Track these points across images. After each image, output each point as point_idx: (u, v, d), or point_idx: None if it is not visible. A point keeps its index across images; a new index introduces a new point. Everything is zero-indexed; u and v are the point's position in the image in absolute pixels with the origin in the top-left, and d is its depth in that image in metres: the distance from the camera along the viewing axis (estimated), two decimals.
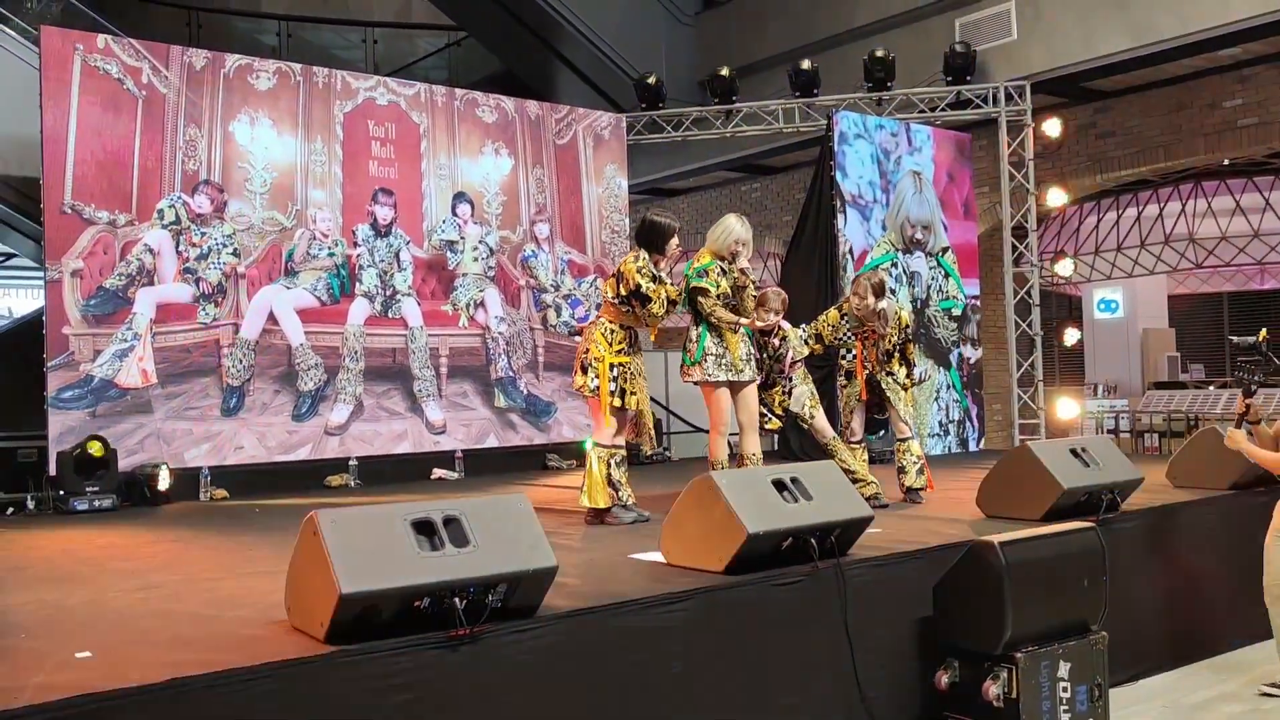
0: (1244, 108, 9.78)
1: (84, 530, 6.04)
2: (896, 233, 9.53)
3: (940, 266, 9.81)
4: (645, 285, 5.39)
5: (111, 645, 3.20)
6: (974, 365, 10.09)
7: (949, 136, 10.16)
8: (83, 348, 7.28)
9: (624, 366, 5.47)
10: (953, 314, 9.87)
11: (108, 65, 7.49)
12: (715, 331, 5.61)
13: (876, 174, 9.44)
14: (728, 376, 5.61)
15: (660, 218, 5.63)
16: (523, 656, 3.28)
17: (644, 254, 5.51)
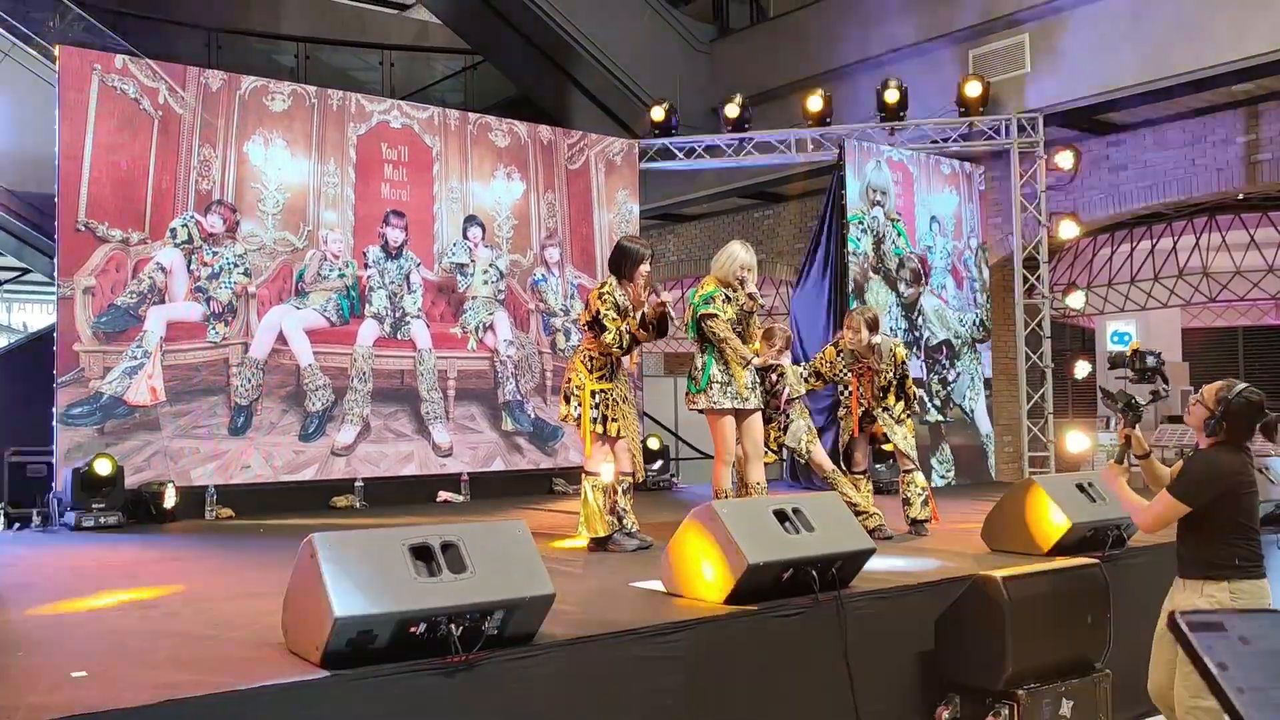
0: (1258, 143, 9.76)
1: (89, 547, 6.05)
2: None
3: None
4: (604, 313, 5.37)
5: (107, 665, 3.20)
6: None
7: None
8: (93, 364, 7.31)
9: (605, 394, 5.45)
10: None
11: (125, 85, 7.56)
12: (721, 359, 5.60)
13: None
14: (733, 404, 5.59)
15: (630, 242, 5.62)
16: (519, 684, 3.26)
17: (612, 280, 5.50)
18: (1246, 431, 3.73)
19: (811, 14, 11.99)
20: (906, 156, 9.49)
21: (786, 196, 13.43)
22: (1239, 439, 3.71)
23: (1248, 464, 3.75)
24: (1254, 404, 3.71)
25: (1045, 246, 10.11)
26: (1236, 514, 3.69)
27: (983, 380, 10.24)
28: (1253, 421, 3.72)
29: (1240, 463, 3.72)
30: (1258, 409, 3.72)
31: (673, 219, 14.78)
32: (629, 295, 5.52)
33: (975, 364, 10.19)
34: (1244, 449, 3.73)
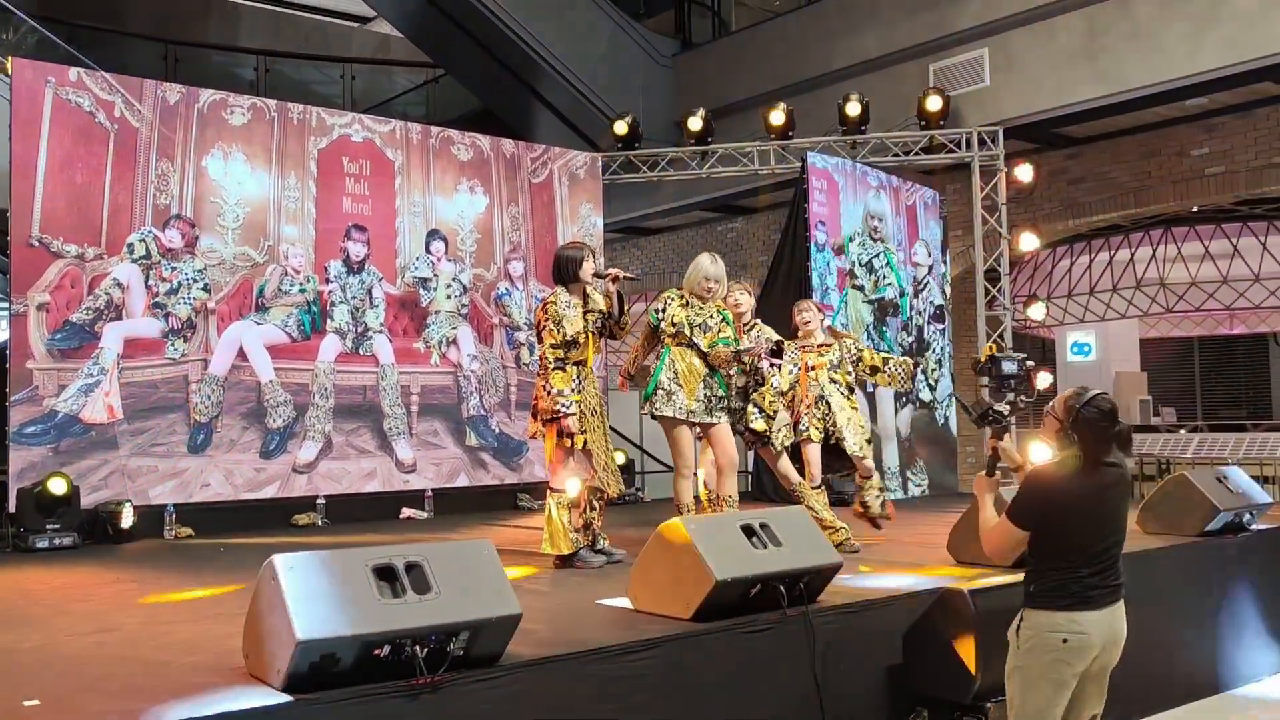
0: (1211, 156, 9.93)
1: (43, 569, 5.92)
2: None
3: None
4: (549, 332, 5.35)
5: (61, 693, 3.12)
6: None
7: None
8: (47, 382, 7.17)
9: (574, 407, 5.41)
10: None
11: (80, 98, 7.45)
12: (672, 367, 5.56)
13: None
14: (674, 414, 5.52)
15: (565, 250, 5.61)
16: (485, 705, 3.21)
17: (560, 291, 5.48)
18: (1099, 444, 3.35)
19: (773, 28, 12.06)
20: (831, 165, 9.46)
21: (750, 209, 13.50)
22: (1093, 453, 3.34)
23: (1096, 482, 3.34)
24: (1105, 413, 3.35)
25: (1006, 259, 10.21)
26: (1062, 538, 3.32)
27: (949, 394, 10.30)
28: (1104, 433, 3.34)
29: (1080, 482, 3.32)
30: (1109, 418, 3.36)
31: (637, 232, 14.80)
32: (593, 297, 5.50)
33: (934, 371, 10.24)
34: (1099, 464, 3.34)
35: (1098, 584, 3.33)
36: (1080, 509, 3.33)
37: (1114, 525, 3.41)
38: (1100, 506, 3.36)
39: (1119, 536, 3.44)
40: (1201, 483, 5.97)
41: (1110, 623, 3.37)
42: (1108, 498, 3.37)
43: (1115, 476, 3.40)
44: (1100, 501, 3.36)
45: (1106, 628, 3.35)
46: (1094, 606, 3.32)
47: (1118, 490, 3.41)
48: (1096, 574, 3.33)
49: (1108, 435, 3.34)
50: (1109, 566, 3.37)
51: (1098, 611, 3.33)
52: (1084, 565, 3.32)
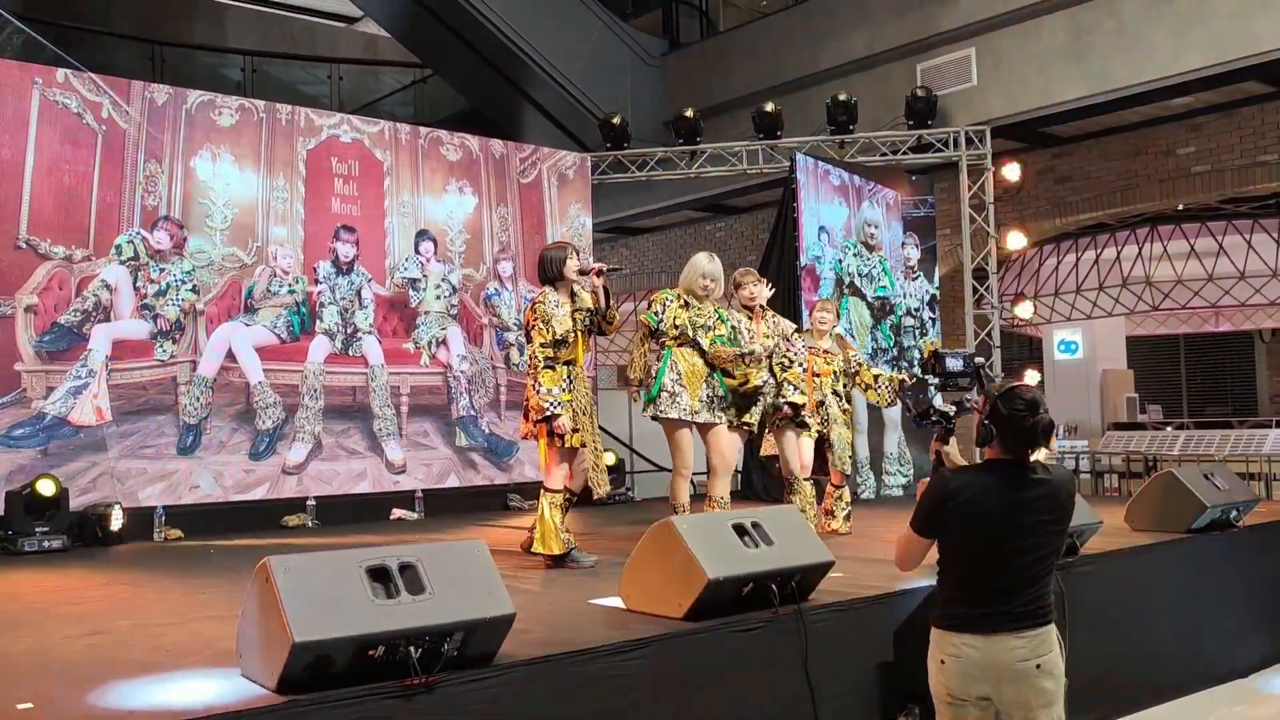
0: (1196, 155, 9.99)
1: (32, 572, 5.90)
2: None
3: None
4: (538, 331, 5.37)
5: (55, 696, 3.12)
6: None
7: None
8: (35, 384, 7.15)
9: (564, 405, 5.42)
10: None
11: (67, 99, 7.42)
12: (675, 369, 5.59)
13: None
14: (679, 415, 5.56)
15: (548, 249, 5.61)
16: (479, 705, 3.22)
17: (548, 291, 5.48)
18: (1019, 441, 3.00)
19: (761, 28, 12.09)
20: (801, 164, 9.46)
21: (738, 209, 13.53)
22: (1013, 451, 3.01)
23: (1012, 490, 3.00)
24: (1026, 403, 3.00)
25: (994, 257, 10.25)
26: (960, 548, 3.04)
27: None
28: (1024, 427, 2.98)
29: (990, 488, 3.01)
30: (1031, 408, 3.00)
31: (626, 232, 14.81)
32: (581, 295, 5.52)
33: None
34: (1022, 469, 3.02)
35: (997, 608, 2.97)
36: (984, 517, 3.00)
37: (1032, 544, 2.99)
38: (1013, 519, 2.98)
39: (1039, 555, 3.01)
40: (1188, 480, 6.02)
41: (1000, 655, 2.96)
42: (1026, 510, 2.99)
43: (1044, 490, 3.02)
44: (1014, 513, 2.99)
45: (992, 659, 2.96)
46: (982, 631, 2.98)
47: (1043, 505, 3.02)
48: (999, 595, 2.98)
49: (1026, 428, 2.98)
50: (1018, 590, 2.98)
51: (984, 638, 2.97)
52: (982, 583, 2.99)
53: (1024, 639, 2.97)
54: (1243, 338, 19.75)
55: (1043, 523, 3.02)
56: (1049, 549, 3.04)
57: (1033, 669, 2.96)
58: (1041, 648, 2.99)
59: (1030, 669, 2.96)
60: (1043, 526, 3.01)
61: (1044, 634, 3.00)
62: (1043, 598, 3.00)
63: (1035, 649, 2.98)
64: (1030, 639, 2.98)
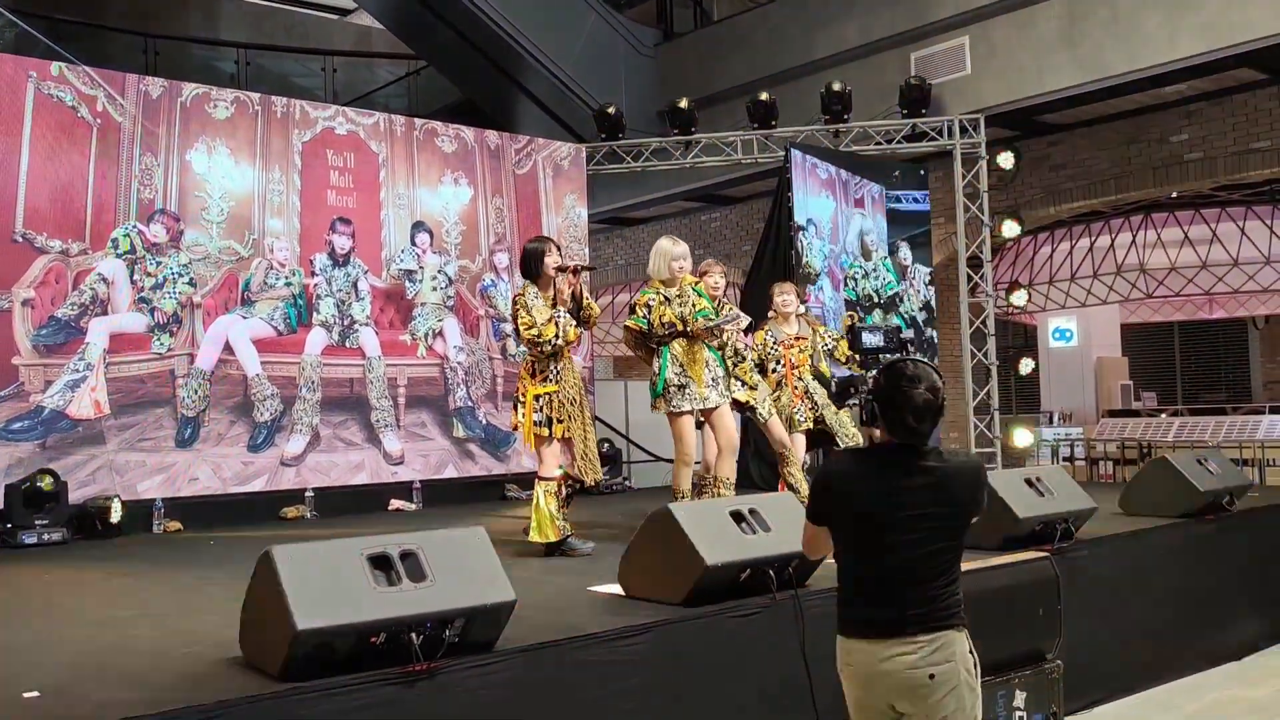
0: (1190, 142, 10.02)
1: (33, 565, 5.93)
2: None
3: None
4: (521, 319, 5.41)
5: (60, 685, 3.14)
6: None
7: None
8: (33, 378, 7.16)
9: (549, 396, 5.45)
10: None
11: (62, 93, 7.42)
12: (676, 361, 5.63)
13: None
14: (693, 406, 5.62)
15: (528, 244, 5.65)
16: (480, 691, 3.25)
17: (528, 285, 5.52)
18: (899, 421, 2.69)
19: (755, 18, 12.09)
20: (797, 161, 9.48)
21: (734, 199, 13.54)
22: (898, 432, 2.70)
23: (895, 477, 2.69)
24: (905, 377, 2.68)
25: (988, 246, 10.28)
26: (847, 540, 2.77)
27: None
28: (906, 407, 2.66)
29: (872, 473, 2.73)
30: (911, 382, 2.67)
31: (621, 223, 14.83)
32: (560, 290, 5.54)
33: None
34: (910, 452, 2.71)
35: (881, 610, 2.67)
36: (860, 508, 2.72)
37: (914, 539, 2.66)
38: (891, 511, 2.67)
39: (926, 552, 2.67)
40: (1182, 465, 6.06)
41: (888, 662, 2.64)
42: (905, 502, 2.67)
43: (930, 480, 2.69)
44: (892, 504, 2.67)
45: (880, 667, 2.66)
46: (868, 635, 2.69)
47: (926, 497, 2.67)
48: (884, 596, 2.67)
49: (901, 405, 2.67)
50: (903, 591, 2.66)
51: (871, 643, 2.67)
52: (867, 582, 2.72)
53: (913, 645, 2.62)
54: (1237, 324, 19.81)
55: (925, 516, 2.65)
56: (938, 546, 2.68)
57: (923, 679, 2.62)
58: (936, 656, 2.63)
59: (920, 678, 2.62)
60: (925, 521, 2.65)
61: (939, 641, 2.64)
62: (936, 600, 2.65)
63: (928, 657, 2.62)
64: (921, 646, 2.63)
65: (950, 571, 2.71)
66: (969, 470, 2.77)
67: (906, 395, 2.67)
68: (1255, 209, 14.48)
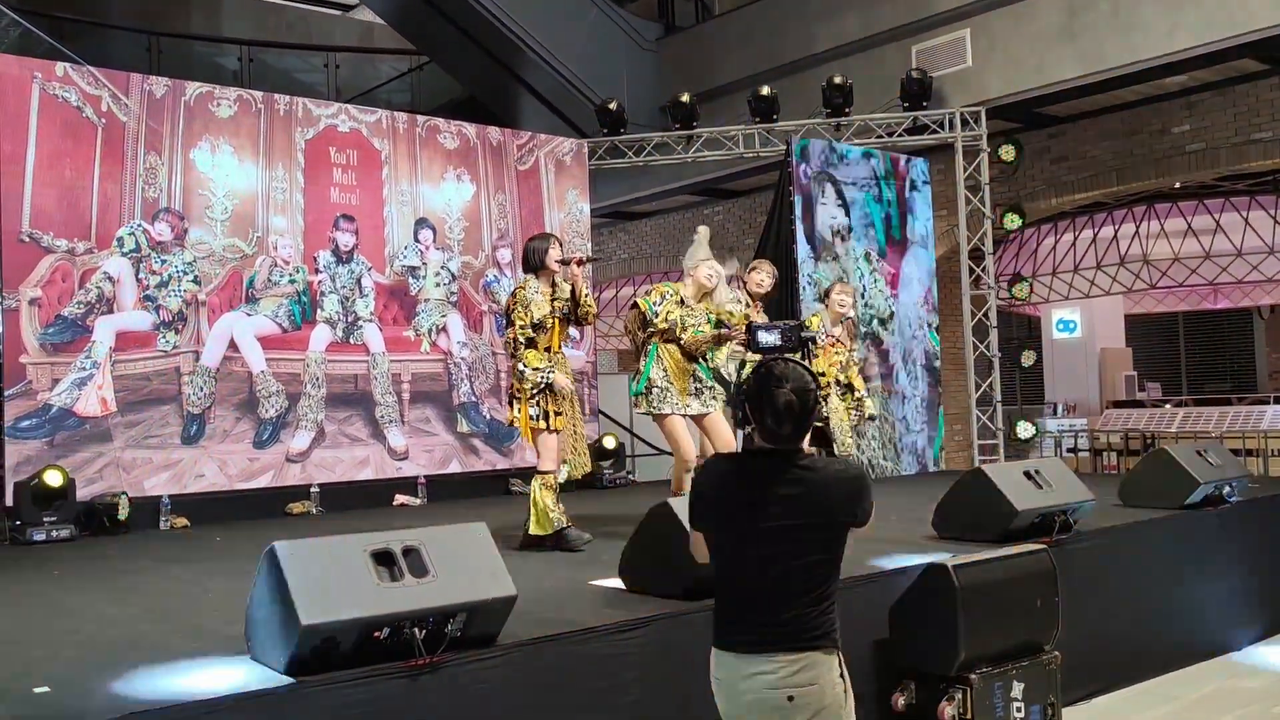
0: (1191, 133, 10.02)
1: (42, 561, 5.98)
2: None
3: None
4: (516, 314, 5.45)
5: (69, 680, 3.20)
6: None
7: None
8: (40, 376, 7.22)
9: (548, 388, 5.50)
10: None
11: (66, 93, 7.47)
12: (661, 364, 5.68)
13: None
14: (673, 410, 5.65)
15: (530, 239, 5.71)
16: (483, 685, 3.30)
17: (529, 279, 5.57)
18: (766, 426, 2.54)
19: (756, 11, 12.10)
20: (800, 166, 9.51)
21: (737, 192, 13.56)
22: (768, 435, 2.55)
23: (757, 484, 2.54)
24: (774, 377, 2.53)
25: (990, 238, 10.29)
26: (713, 546, 2.64)
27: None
28: (767, 408, 2.51)
29: (736, 479, 2.59)
30: (774, 383, 2.52)
31: (624, 217, 14.85)
32: (560, 286, 5.59)
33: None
34: (779, 455, 2.55)
35: (744, 625, 2.54)
36: (726, 515, 2.60)
37: (779, 551, 2.50)
38: (761, 519, 2.51)
39: (792, 566, 2.50)
40: (1181, 457, 6.09)
41: (747, 680, 2.51)
42: (769, 511, 2.50)
43: (799, 489, 2.52)
44: (756, 512, 2.51)
45: (739, 685, 2.52)
46: (733, 650, 2.56)
47: (792, 506, 2.50)
48: (747, 609, 2.53)
49: (766, 406, 2.52)
50: (767, 605, 2.51)
51: (736, 657, 2.55)
52: (732, 594, 2.59)
53: (773, 664, 2.47)
54: (1241, 314, 19.79)
55: (794, 528, 2.49)
56: (808, 560, 2.51)
57: (782, 701, 2.46)
58: (797, 678, 2.46)
59: (778, 700, 2.46)
60: (793, 532, 2.49)
61: (802, 662, 2.47)
62: (803, 619, 2.49)
63: (787, 679, 2.46)
64: (781, 666, 2.47)
65: (821, 588, 2.53)
66: (845, 479, 2.57)
67: (770, 396, 2.51)
68: (1259, 199, 14.48)
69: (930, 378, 10.13)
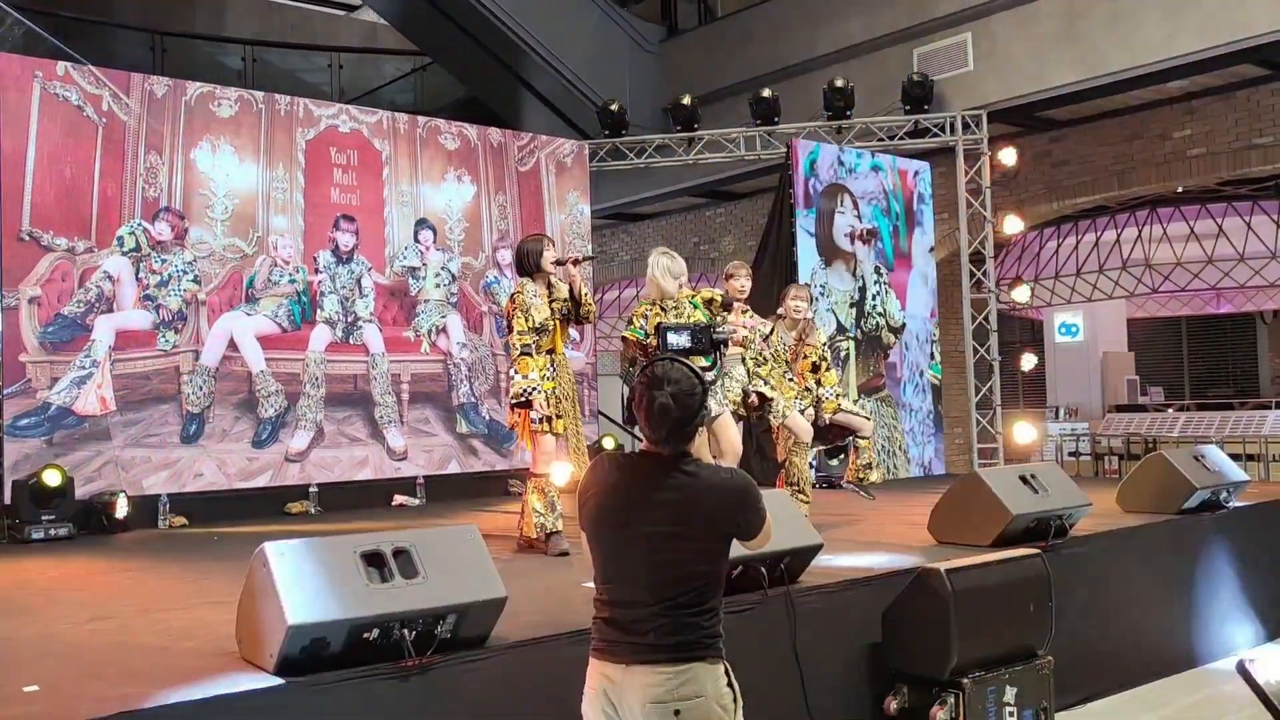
0: (1193, 138, 10.01)
1: (39, 560, 6.00)
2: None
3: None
4: (516, 321, 5.45)
5: (60, 679, 3.21)
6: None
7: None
8: (40, 375, 7.24)
9: (546, 394, 5.50)
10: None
11: (68, 92, 7.48)
12: None
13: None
14: (719, 408, 5.64)
15: (524, 242, 5.70)
16: (472, 687, 3.31)
17: (526, 282, 5.57)
18: (647, 432, 2.47)
19: (759, 14, 12.11)
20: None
21: (739, 195, 13.57)
22: (649, 438, 2.48)
23: (637, 489, 2.48)
24: (654, 378, 2.45)
25: (990, 241, 10.29)
26: (598, 554, 2.54)
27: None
28: (643, 410, 2.45)
29: (616, 482, 2.51)
30: (653, 384, 2.45)
31: (625, 218, 14.86)
32: (557, 287, 5.58)
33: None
34: (663, 459, 2.47)
35: (624, 633, 2.46)
36: (604, 520, 2.51)
37: (656, 560, 2.42)
38: (639, 524, 2.44)
39: (671, 577, 2.42)
40: (1179, 462, 6.09)
41: (630, 691, 2.43)
42: (645, 517, 2.43)
43: (677, 496, 2.44)
44: (631, 517, 2.45)
45: (623, 696, 2.45)
46: (613, 659, 2.49)
47: (667, 513, 2.43)
48: (627, 617, 2.46)
49: (643, 407, 2.44)
50: (648, 614, 2.42)
51: (617, 668, 2.47)
52: (614, 599, 2.49)
53: (659, 676, 2.40)
54: (1244, 319, 19.75)
55: (672, 534, 2.41)
56: (687, 569, 2.43)
57: (667, 713, 2.39)
58: (684, 690, 2.39)
59: (664, 712, 2.39)
60: (671, 539, 2.41)
61: (687, 673, 2.40)
62: (686, 628, 2.41)
63: (674, 690, 2.39)
64: (668, 677, 2.40)
65: (704, 597, 2.45)
66: (727, 488, 2.48)
67: (648, 397, 2.44)
68: (1261, 203, 14.44)
69: (934, 395, 10.21)
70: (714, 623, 2.48)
